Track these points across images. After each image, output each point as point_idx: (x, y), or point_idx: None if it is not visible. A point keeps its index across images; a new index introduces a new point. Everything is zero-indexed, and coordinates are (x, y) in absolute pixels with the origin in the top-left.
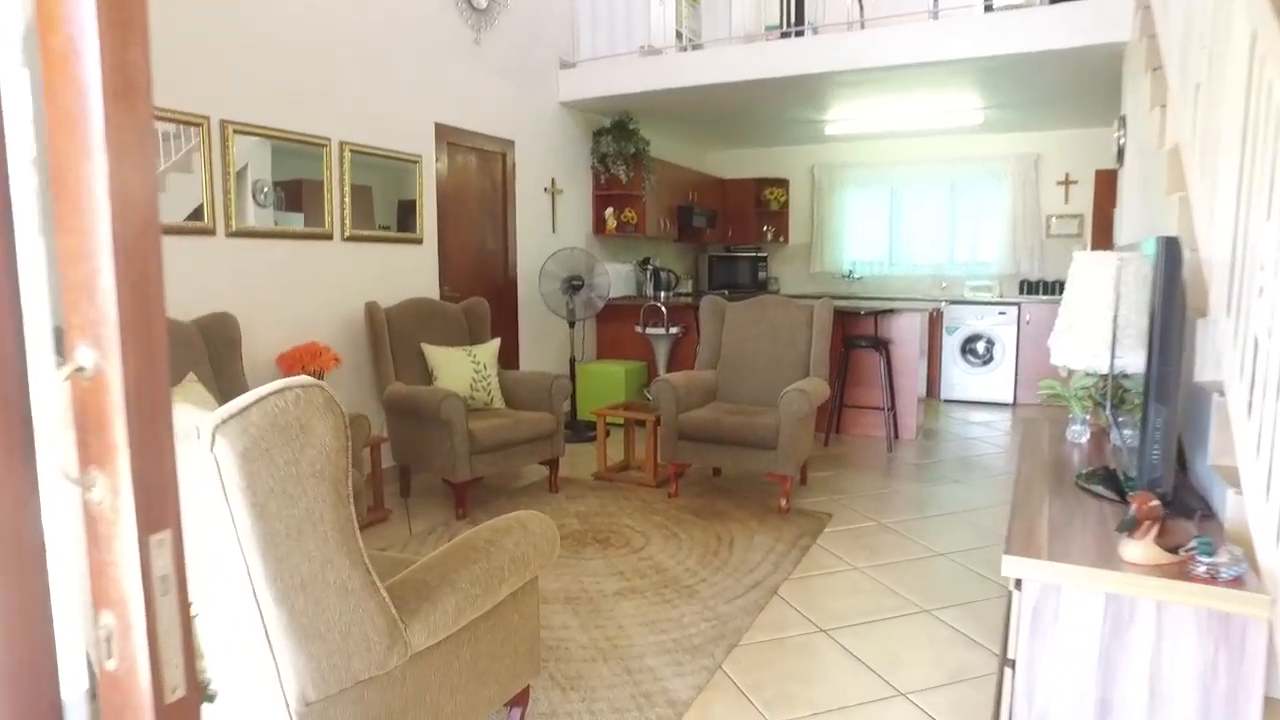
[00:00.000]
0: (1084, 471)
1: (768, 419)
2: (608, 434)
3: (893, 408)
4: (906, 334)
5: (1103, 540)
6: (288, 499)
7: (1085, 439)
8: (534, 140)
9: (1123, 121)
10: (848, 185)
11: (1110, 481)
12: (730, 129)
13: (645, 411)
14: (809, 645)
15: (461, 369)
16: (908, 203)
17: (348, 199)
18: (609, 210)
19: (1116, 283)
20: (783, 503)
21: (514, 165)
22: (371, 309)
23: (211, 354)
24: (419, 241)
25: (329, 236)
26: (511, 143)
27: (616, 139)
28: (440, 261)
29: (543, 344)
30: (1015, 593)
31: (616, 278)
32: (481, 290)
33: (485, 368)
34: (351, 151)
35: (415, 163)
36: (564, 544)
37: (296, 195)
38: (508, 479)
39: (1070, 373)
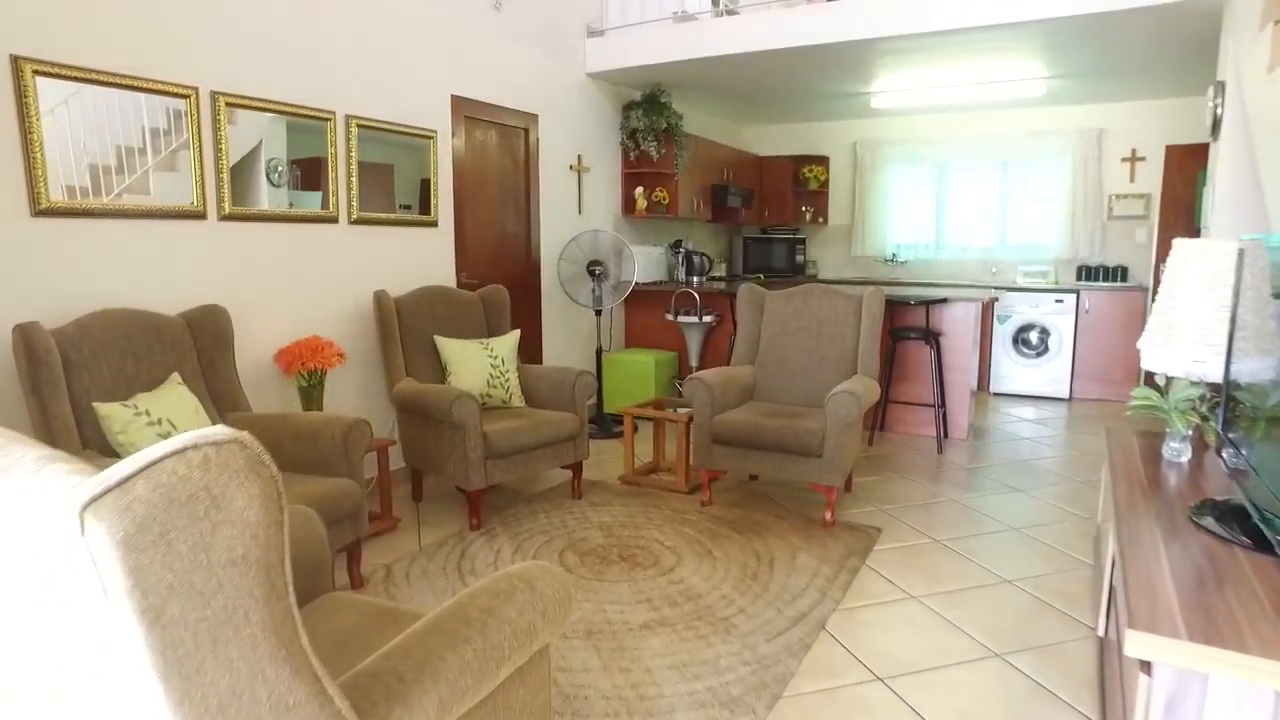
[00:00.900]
0: (1198, 504)
1: (812, 423)
2: (635, 430)
3: (942, 405)
4: (960, 326)
5: (1255, 608)
6: (196, 598)
7: (1185, 458)
8: (559, 114)
9: (1220, 89)
10: (892, 163)
11: (1237, 520)
12: (768, 102)
13: (676, 411)
14: (865, 700)
15: (477, 364)
16: (956, 182)
17: (354, 178)
18: (639, 189)
19: (1237, 277)
20: (827, 515)
21: (538, 141)
22: (380, 298)
23: (200, 351)
24: (433, 224)
25: (334, 219)
26: (535, 117)
27: (647, 113)
28: (457, 246)
29: (568, 333)
30: (1143, 677)
31: (646, 261)
32: (502, 276)
33: (503, 363)
34: (359, 126)
35: (430, 139)
36: (586, 562)
37: (315, 173)
38: (527, 483)
39: (1168, 380)
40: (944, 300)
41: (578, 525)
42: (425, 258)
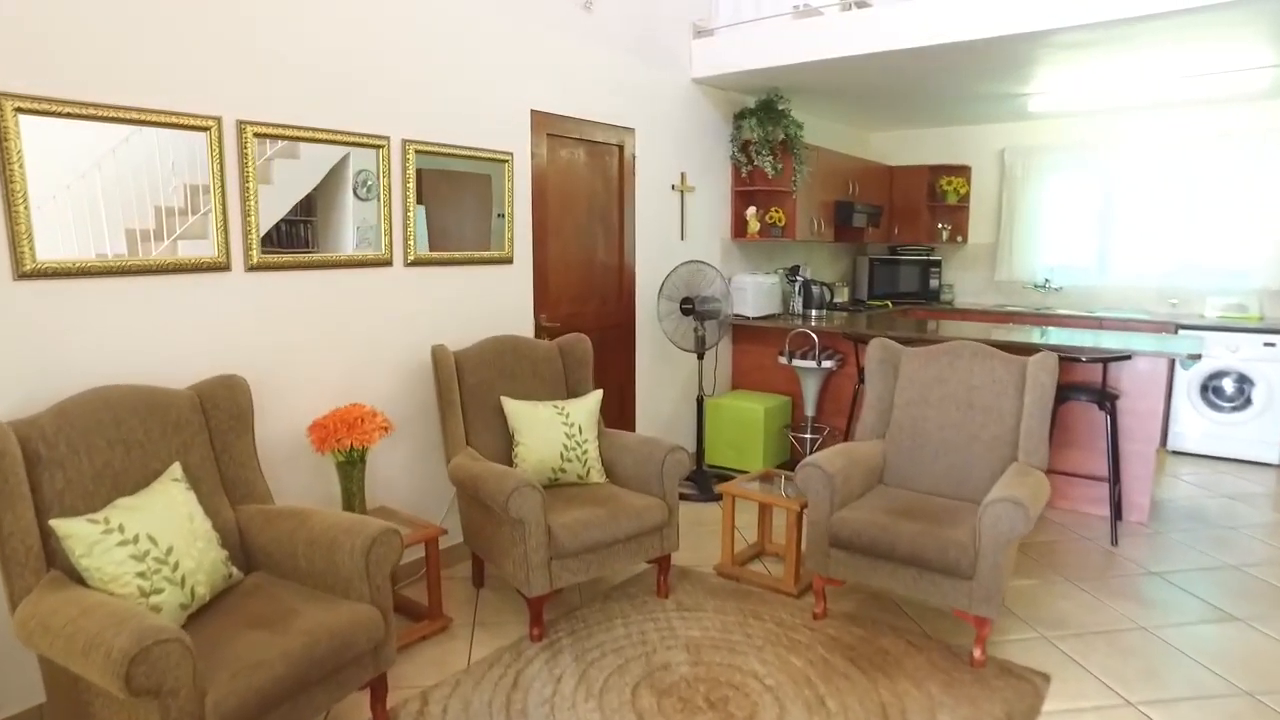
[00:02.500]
0: None
1: (960, 532)
2: (734, 504)
3: (1117, 481)
4: (1144, 385)
5: None
6: None
7: None
8: (659, 127)
9: None
10: (1048, 172)
11: None
12: (900, 106)
13: (788, 490)
14: None
15: (550, 431)
16: (1127, 194)
17: (412, 212)
18: (751, 210)
19: None
20: (976, 653)
21: (633, 159)
22: (438, 355)
23: (213, 430)
24: (508, 261)
25: (387, 262)
26: (630, 131)
27: (762, 122)
28: (536, 284)
29: (666, 376)
30: None
31: (757, 292)
32: (590, 316)
33: (580, 431)
34: (418, 152)
35: (505, 161)
36: (665, 704)
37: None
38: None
39: None
40: (1126, 358)
41: (660, 641)
42: (498, 300)
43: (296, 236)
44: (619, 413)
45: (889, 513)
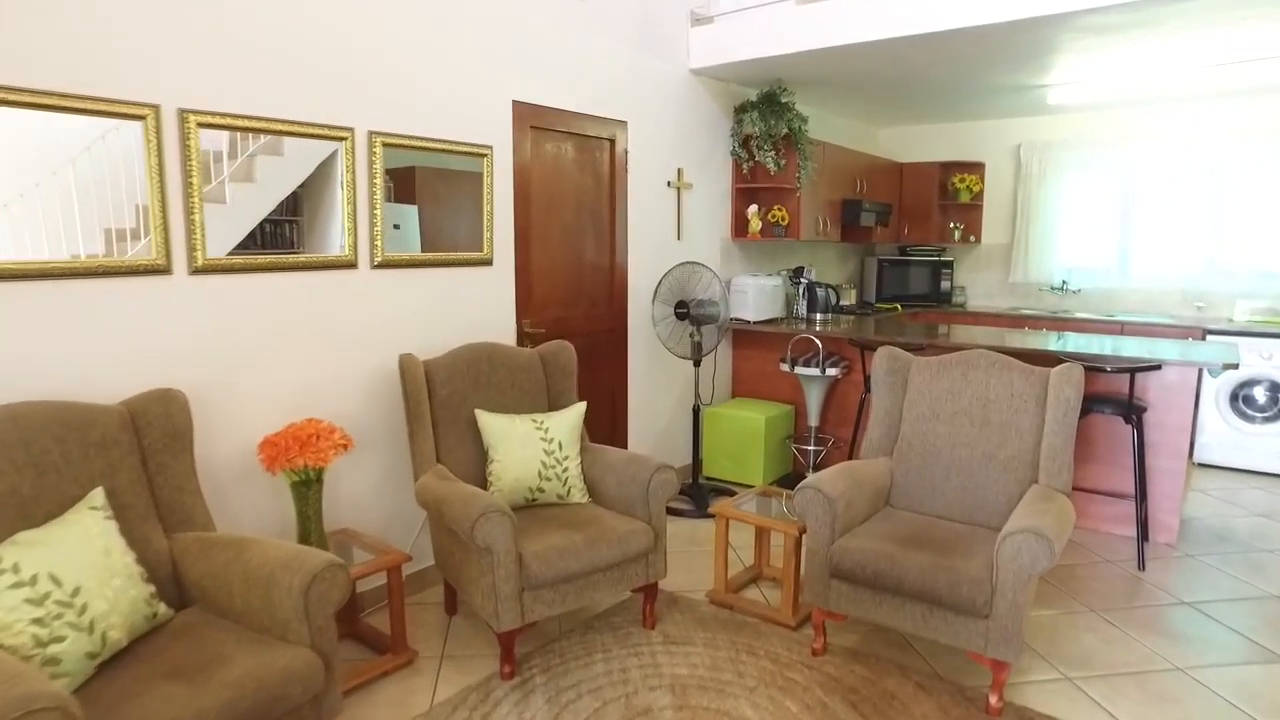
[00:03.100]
0: None
1: (975, 564)
2: (727, 527)
3: (1143, 499)
4: (1175, 397)
5: None
6: None
7: None
8: (654, 120)
9: None
10: (1066, 168)
11: None
12: (912, 99)
13: (789, 510)
14: None
15: (527, 447)
16: (1150, 191)
17: (379, 210)
18: (753, 208)
19: None
20: (993, 699)
21: (626, 154)
22: (406, 364)
23: (146, 451)
24: (486, 262)
25: (351, 264)
26: (623, 124)
27: (764, 116)
28: (519, 287)
29: (661, 384)
30: None
31: (759, 295)
32: (579, 321)
33: (560, 447)
34: (386, 145)
35: (484, 156)
36: None
37: (409, 185)
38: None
39: None
40: (1155, 367)
41: (643, 680)
42: (477, 305)
43: (281, 237)
44: (610, 423)
45: (896, 541)
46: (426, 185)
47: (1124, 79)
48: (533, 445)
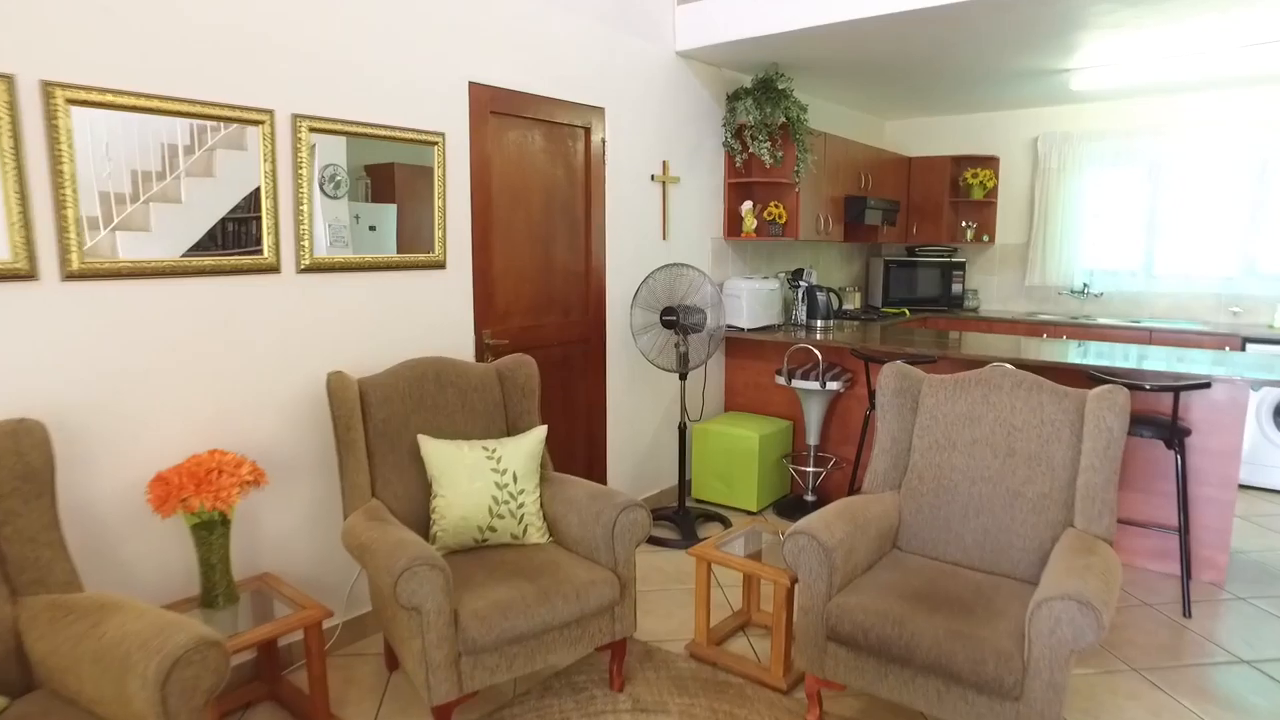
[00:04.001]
0: None
1: (1001, 634)
2: (709, 572)
3: (1187, 532)
4: (1223, 417)
5: None
6: None
7: None
8: (636, 108)
9: None
10: (1088, 162)
11: None
12: (920, 86)
13: (775, 563)
14: None
15: (476, 481)
16: (1180, 186)
17: (307, 205)
18: (747, 205)
19: None
20: None
21: (603, 144)
22: (335, 384)
23: None
24: (439, 265)
25: (272, 268)
26: (599, 111)
27: (759, 104)
28: (477, 293)
29: (646, 399)
30: None
31: (753, 300)
32: (550, 330)
33: (515, 480)
34: (314, 130)
35: (433, 144)
36: None
37: (388, 182)
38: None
39: None
40: (1205, 385)
41: None
42: (427, 314)
43: (246, 235)
44: (587, 443)
45: (905, 597)
46: (409, 183)
47: (1156, 62)
48: (483, 477)
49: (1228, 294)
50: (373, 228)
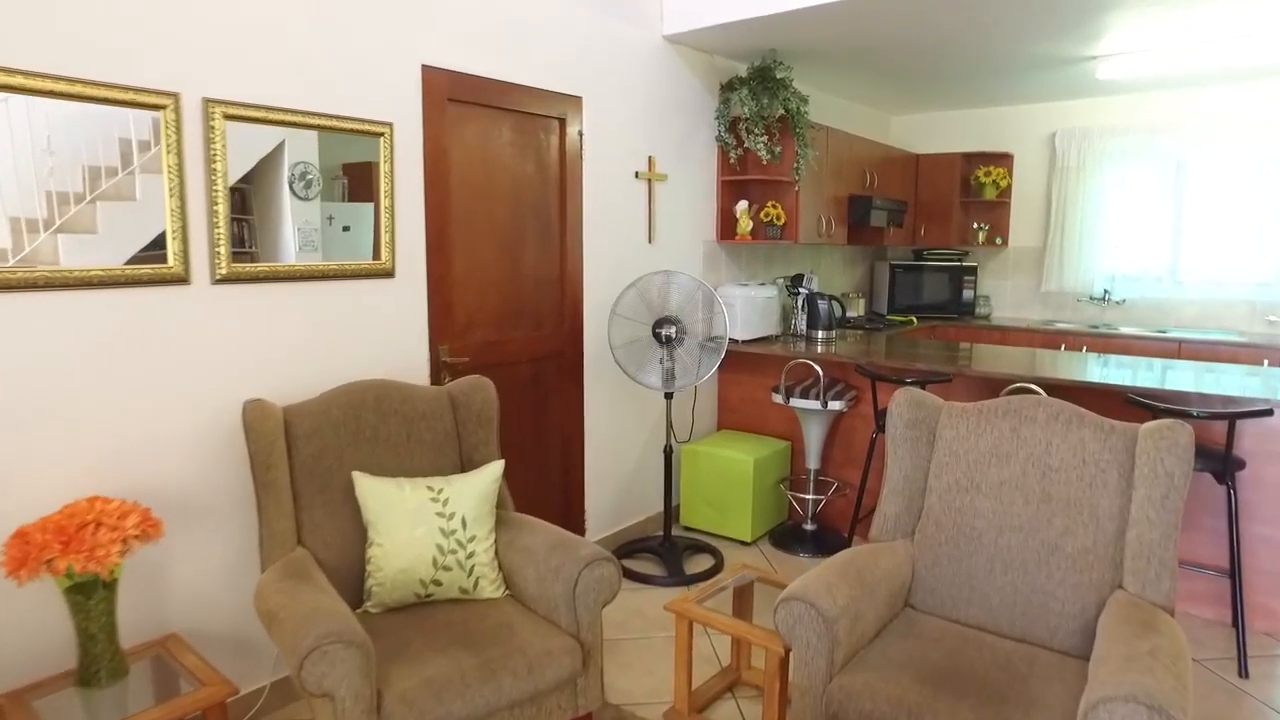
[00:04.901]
0: None
1: None
2: (690, 630)
3: (1239, 576)
4: (1279, 448)
5: None
6: None
7: None
8: (618, 97)
9: None
10: (1110, 160)
11: None
12: (930, 79)
13: (770, 621)
14: None
15: (418, 527)
16: (1209, 185)
17: (221, 205)
18: (742, 205)
19: None
20: None
21: (580, 137)
22: (252, 415)
23: None
24: (386, 273)
25: (180, 279)
26: (576, 100)
27: (755, 94)
28: (433, 306)
29: (631, 419)
30: None
31: (748, 308)
32: (519, 345)
33: (464, 526)
34: (230, 118)
35: (379, 135)
36: None
37: (366, 181)
38: None
39: None
40: (1267, 412)
41: None
42: (372, 330)
43: (234, 238)
44: (563, 468)
45: (921, 677)
46: (362, 181)
47: (1193, 47)
48: (426, 523)
49: (1263, 301)
50: (347, 228)
